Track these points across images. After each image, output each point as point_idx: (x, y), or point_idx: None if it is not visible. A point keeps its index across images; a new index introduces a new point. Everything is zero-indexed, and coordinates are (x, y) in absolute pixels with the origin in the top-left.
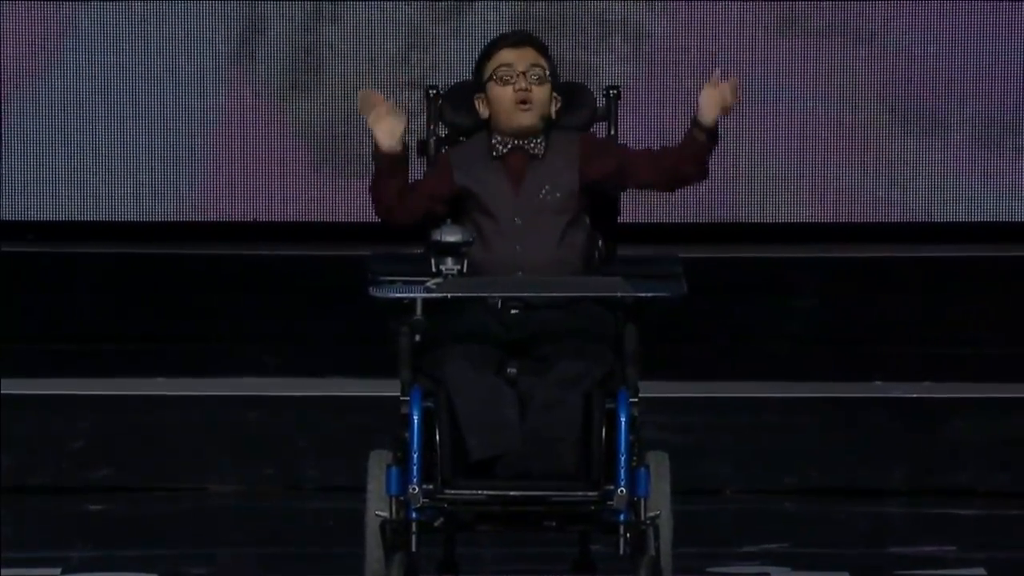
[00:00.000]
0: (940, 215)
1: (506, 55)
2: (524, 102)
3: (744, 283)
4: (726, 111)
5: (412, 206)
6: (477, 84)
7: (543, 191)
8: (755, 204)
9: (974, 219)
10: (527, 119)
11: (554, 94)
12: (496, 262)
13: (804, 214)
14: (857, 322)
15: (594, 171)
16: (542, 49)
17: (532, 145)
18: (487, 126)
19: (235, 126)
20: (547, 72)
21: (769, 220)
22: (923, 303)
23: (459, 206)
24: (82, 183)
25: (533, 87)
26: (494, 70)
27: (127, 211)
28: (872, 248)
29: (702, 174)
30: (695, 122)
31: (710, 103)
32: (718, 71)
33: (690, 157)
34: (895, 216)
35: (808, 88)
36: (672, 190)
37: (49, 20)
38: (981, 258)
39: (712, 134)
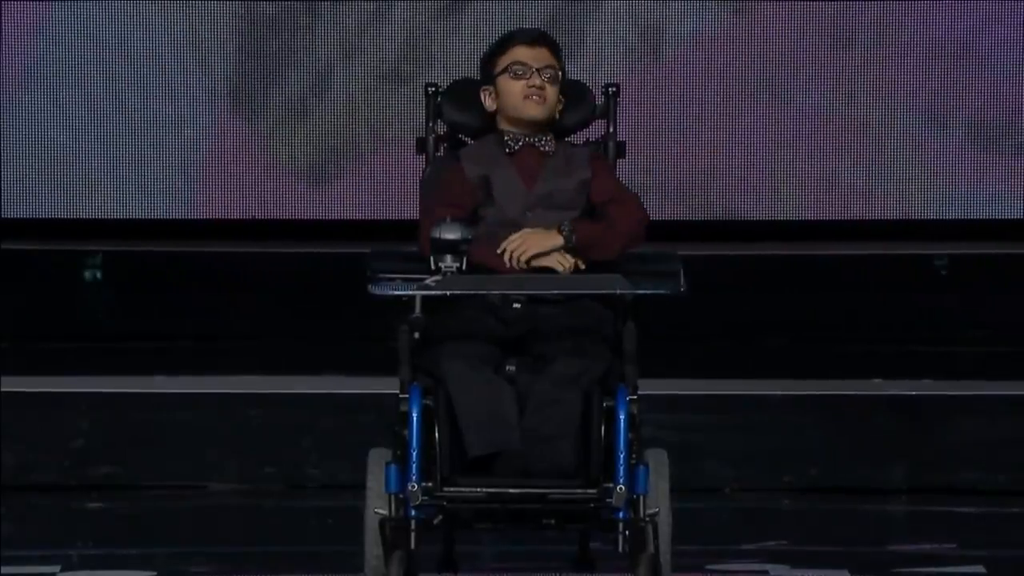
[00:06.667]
0: (940, 213)
1: (521, 52)
2: (535, 96)
3: (743, 281)
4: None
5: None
6: (485, 77)
7: (556, 187)
8: (754, 202)
9: (973, 217)
10: (536, 110)
11: (559, 95)
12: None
13: (803, 212)
14: (857, 320)
15: (596, 195)
16: (556, 49)
17: (542, 143)
18: (493, 121)
19: (235, 124)
20: (559, 73)
21: (768, 218)
22: (923, 301)
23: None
24: (82, 181)
25: (546, 85)
26: (508, 65)
27: (127, 209)
28: (872, 246)
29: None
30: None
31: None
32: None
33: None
34: (895, 214)
35: (808, 87)
36: None
37: (50, 17)
38: (981, 256)
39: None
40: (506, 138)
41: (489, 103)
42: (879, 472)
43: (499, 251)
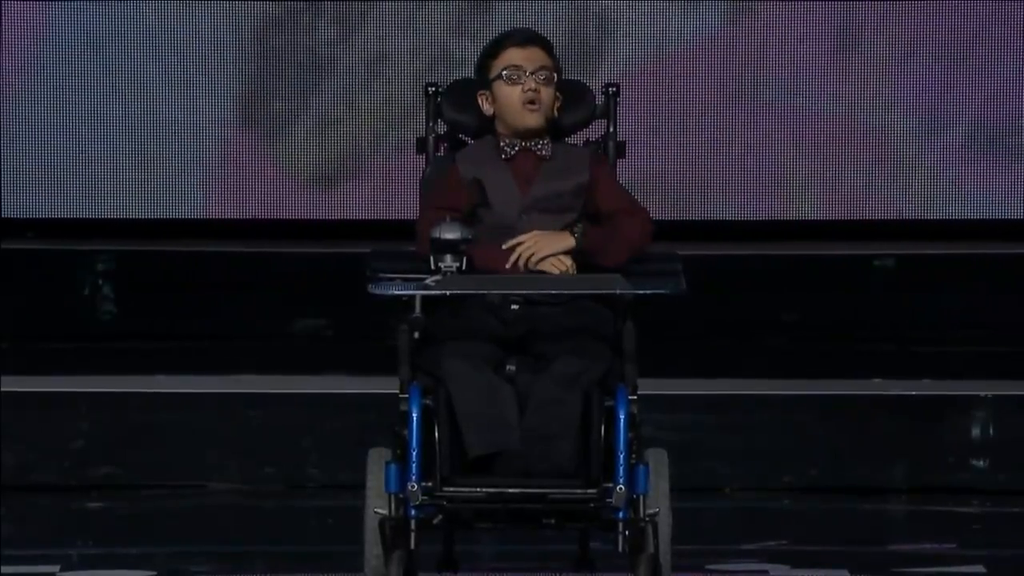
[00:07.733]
0: (940, 213)
1: (514, 55)
2: (532, 103)
3: (743, 280)
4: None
5: None
6: (481, 81)
7: (551, 191)
8: (754, 202)
9: (973, 217)
10: (534, 120)
11: (556, 93)
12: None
13: (804, 212)
14: (857, 320)
15: (602, 203)
16: (548, 48)
17: (539, 147)
18: (492, 125)
19: (238, 123)
20: (553, 72)
21: (768, 217)
22: (923, 301)
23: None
24: (82, 181)
25: (541, 88)
26: (502, 69)
27: (127, 208)
28: (872, 246)
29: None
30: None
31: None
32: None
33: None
34: (894, 214)
35: (806, 87)
36: None
37: (52, 16)
38: (980, 256)
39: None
40: (502, 143)
41: (486, 107)
42: (879, 472)
43: (505, 247)
